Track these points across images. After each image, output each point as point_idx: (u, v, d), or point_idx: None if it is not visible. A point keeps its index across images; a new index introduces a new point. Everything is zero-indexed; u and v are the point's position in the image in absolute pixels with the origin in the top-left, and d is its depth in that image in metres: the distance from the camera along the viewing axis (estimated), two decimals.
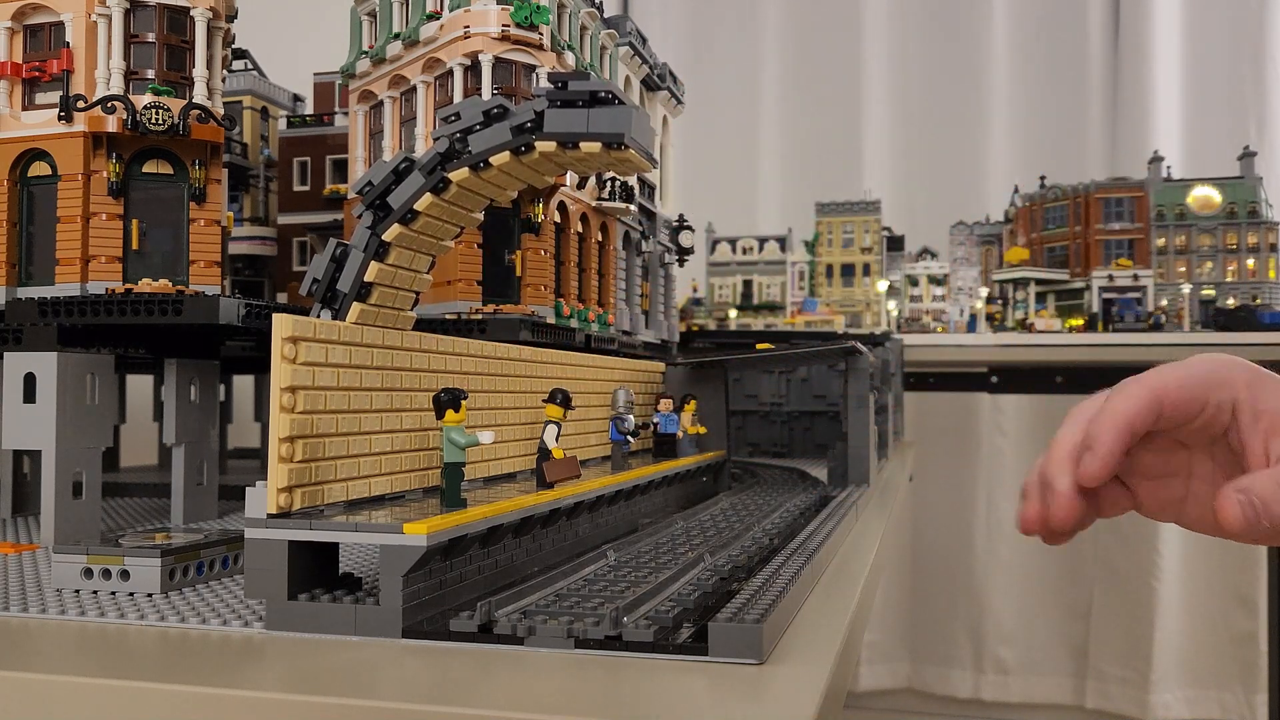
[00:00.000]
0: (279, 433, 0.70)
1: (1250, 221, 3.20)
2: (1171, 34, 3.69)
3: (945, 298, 3.50)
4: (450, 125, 0.81)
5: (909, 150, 3.94)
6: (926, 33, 3.97)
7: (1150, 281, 3.16)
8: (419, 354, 0.87)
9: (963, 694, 3.64)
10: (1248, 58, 3.65)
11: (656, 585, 0.75)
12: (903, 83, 3.96)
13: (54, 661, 0.67)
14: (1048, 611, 3.61)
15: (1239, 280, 3.19)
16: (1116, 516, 0.68)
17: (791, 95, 4.05)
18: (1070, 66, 3.84)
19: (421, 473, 0.87)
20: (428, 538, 0.68)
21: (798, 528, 1.08)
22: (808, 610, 0.78)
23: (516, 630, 0.66)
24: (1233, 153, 3.33)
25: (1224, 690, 3.44)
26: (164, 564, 0.83)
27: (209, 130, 1.21)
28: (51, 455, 1.10)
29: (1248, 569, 3.38)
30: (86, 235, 1.19)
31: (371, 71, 1.52)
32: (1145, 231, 3.22)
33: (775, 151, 4.05)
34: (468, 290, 1.35)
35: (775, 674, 0.61)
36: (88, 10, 1.19)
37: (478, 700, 0.56)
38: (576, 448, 1.13)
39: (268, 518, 0.70)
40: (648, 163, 0.84)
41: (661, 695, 0.58)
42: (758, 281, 3.53)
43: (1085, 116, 3.82)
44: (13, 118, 1.22)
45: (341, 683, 0.59)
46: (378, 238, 0.81)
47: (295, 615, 0.70)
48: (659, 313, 1.89)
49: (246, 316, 1.15)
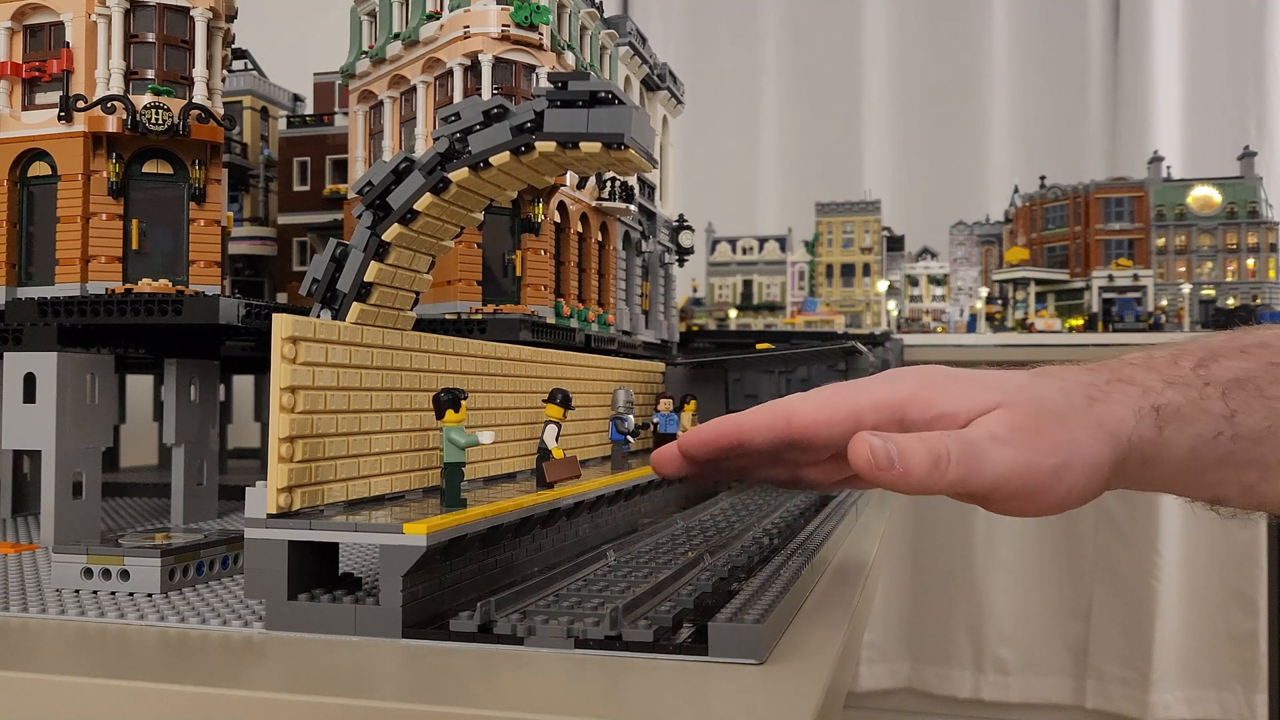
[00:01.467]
0: (279, 433, 0.70)
1: (1250, 221, 3.20)
2: (1171, 34, 3.69)
3: (945, 298, 3.50)
4: (450, 125, 0.81)
5: (909, 150, 3.94)
6: (927, 33, 3.97)
7: (1150, 281, 3.16)
8: (419, 354, 0.87)
9: (963, 694, 3.64)
10: (1248, 58, 3.64)
11: (656, 585, 0.75)
12: (903, 83, 3.96)
13: (54, 661, 0.67)
14: (1048, 612, 3.61)
15: (1239, 280, 3.19)
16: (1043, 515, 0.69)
17: (791, 95, 4.05)
18: (1070, 67, 3.84)
19: (421, 473, 0.87)
20: (428, 538, 0.68)
21: (798, 528, 1.08)
22: (808, 610, 0.78)
23: (516, 630, 0.66)
24: (1233, 153, 3.33)
25: (1224, 690, 3.44)
26: (164, 564, 0.83)
27: (209, 130, 1.21)
28: (51, 455, 1.10)
29: (1247, 569, 3.38)
30: (86, 235, 1.19)
31: (371, 71, 1.52)
32: (1145, 231, 3.22)
33: (775, 151, 4.05)
34: (468, 290, 1.35)
35: (775, 674, 0.61)
36: (87, 10, 1.19)
37: (478, 700, 0.56)
38: (576, 448, 1.13)
39: (267, 518, 0.70)
40: (648, 163, 0.84)
41: (661, 695, 0.58)
42: (758, 281, 3.54)
43: (1085, 117, 3.82)
44: (12, 118, 1.22)
45: (341, 682, 0.59)
46: (378, 238, 0.81)
47: (295, 615, 0.70)
48: (659, 313, 1.89)
49: (246, 316, 1.15)
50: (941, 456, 0.63)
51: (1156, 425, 0.66)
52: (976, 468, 0.63)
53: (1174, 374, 0.68)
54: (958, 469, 0.63)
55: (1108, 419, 0.65)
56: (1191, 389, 0.66)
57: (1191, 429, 0.65)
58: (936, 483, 0.63)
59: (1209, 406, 0.66)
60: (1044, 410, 0.66)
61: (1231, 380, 0.67)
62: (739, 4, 4.09)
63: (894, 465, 0.63)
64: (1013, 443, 0.64)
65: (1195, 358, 0.69)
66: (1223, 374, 0.67)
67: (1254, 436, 0.65)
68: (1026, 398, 0.67)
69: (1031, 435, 0.64)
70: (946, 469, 0.63)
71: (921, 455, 0.63)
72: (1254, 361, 0.67)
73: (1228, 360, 0.68)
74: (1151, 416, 0.66)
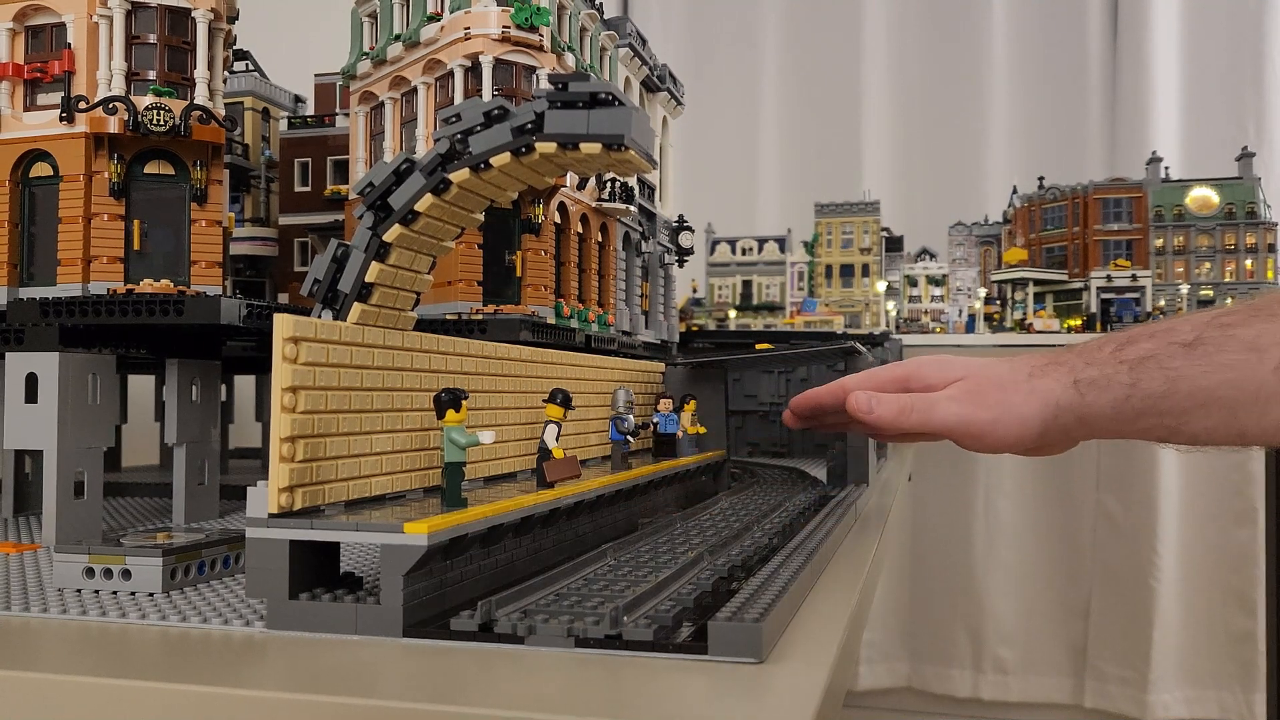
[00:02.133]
0: (280, 433, 0.70)
1: (1248, 222, 3.21)
2: (1170, 35, 3.70)
3: (944, 298, 3.50)
4: (451, 126, 0.82)
5: (908, 150, 3.94)
6: (926, 34, 3.98)
7: (1148, 282, 3.17)
8: (420, 354, 0.87)
9: (962, 693, 3.64)
10: (1246, 59, 3.65)
11: (656, 585, 0.75)
12: (902, 84, 3.97)
13: (55, 661, 0.67)
14: (1047, 611, 3.61)
15: (1237, 281, 3.20)
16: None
17: (791, 96, 4.06)
18: (1069, 68, 3.85)
19: (422, 472, 0.87)
20: (428, 537, 0.68)
21: (797, 527, 1.08)
22: (807, 609, 0.78)
23: (517, 629, 0.66)
24: (1231, 153, 3.33)
25: (1223, 690, 3.44)
26: (165, 563, 0.83)
27: (210, 131, 1.22)
28: (53, 455, 1.10)
29: (1246, 568, 3.38)
30: (88, 236, 1.19)
31: (372, 73, 1.52)
32: (1144, 232, 3.23)
33: (775, 152, 4.06)
34: (468, 291, 1.36)
35: (775, 673, 0.61)
36: (89, 11, 1.20)
37: (478, 699, 0.56)
38: (576, 448, 1.13)
39: (269, 517, 0.70)
40: (648, 164, 0.84)
41: (661, 694, 0.58)
42: (757, 282, 3.54)
43: (1084, 117, 3.82)
44: (14, 118, 1.22)
45: (342, 681, 0.60)
46: (378, 238, 0.81)
47: (296, 614, 0.70)
48: (659, 313, 1.90)
49: (248, 317, 1.15)
50: (905, 408, 1.00)
51: (1079, 393, 0.92)
52: (931, 415, 0.98)
53: (1095, 357, 0.93)
54: (917, 416, 0.99)
55: (1039, 388, 0.94)
56: (1107, 366, 0.92)
57: (1107, 394, 0.91)
58: (903, 423, 0.99)
59: (1118, 378, 0.90)
60: (990, 380, 0.97)
61: (1138, 358, 0.90)
62: (739, 5, 4.10)
63: (871, 410, 1.01)
64: (960, 400, 0.97)
65: (1116, 343, 0.93)
66: (1133, 354, 0.91)
67: (1157, 394, 0.88)
68: (981, 373, 0.99)
69: (976, 396, 0.96)
70: (910, 415, 0.99)
71: (891, 405, 1.01)
72: (1158, 343, 0.90)
73: (1140, 343, 0.91)
74: (1074, 387, 0.92)
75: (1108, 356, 0.92)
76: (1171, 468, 3.43)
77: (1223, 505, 3.43)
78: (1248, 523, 3.37)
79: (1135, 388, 0.89)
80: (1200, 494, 3.45)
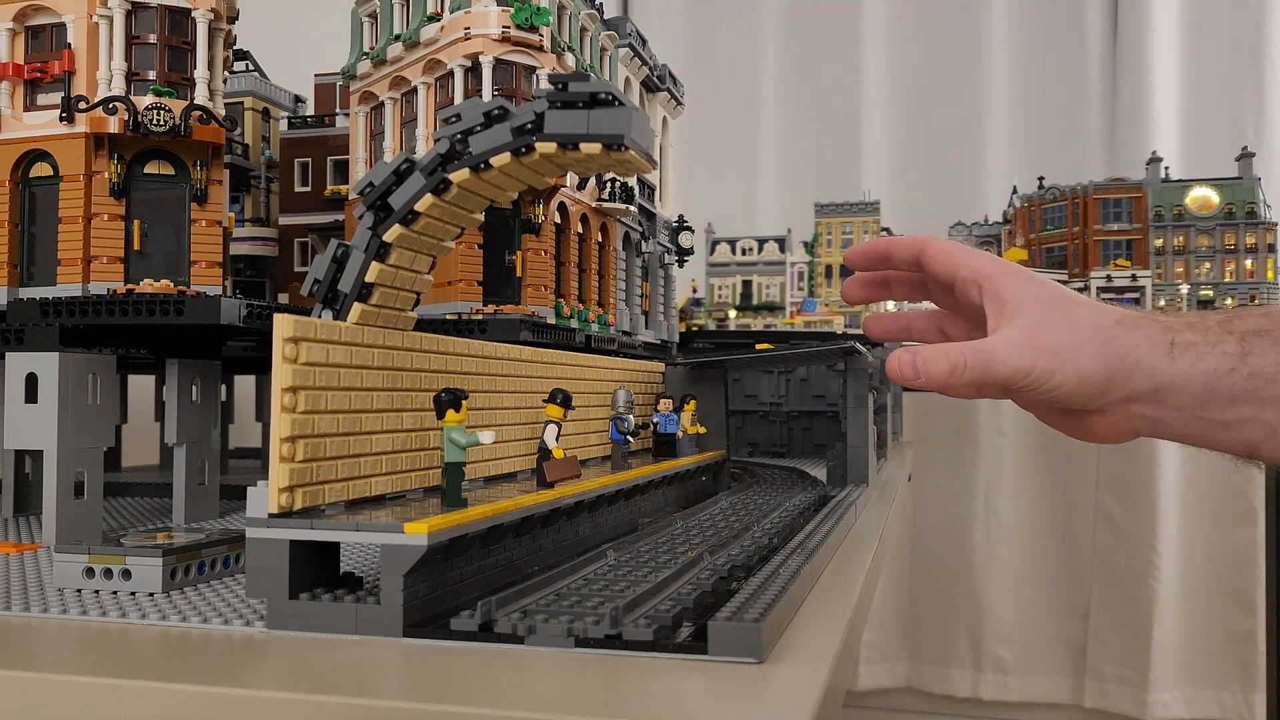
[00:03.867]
0: (280, 433, 0.70)
1: (1248, 222, 3.20)
2: (1170, 35, 3.69)
3: None
4: (451, 126, 0.82)
5: (908, 150, 3.94)
6: (926, 34, 3.97)
7: (1148, 282, 3.16)
8: (419, 354, 0.87)
9: (961, 693, 3.64)
10: (1246, 59, 3.65)
11: (656, 585, 0.75)
12: (902, 84, 3.97)
13: (56, 661, 0.67)
14: (1046, 611, 3.61)
15: (1237, 281, 3.19)
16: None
17: (791, 96, 4.05)
18: (1069, 67, 3.84)
19: (422, 472, 0.87)
20: (428, 537, 0.68)
21: (797, 527, 1.08)
22: (807, 609, 0.78)
23: (517, 629, 0.66)
24: (1231, 153, 3.33)
25: (1222, 689, 3.44)
26: (165, 563, 0.83)
27: (210, 131, 1.22)
28: (53, 455, 1.10)
29: (1246, 568, 3.38)
30: (88, 236, 1.19)
31: (372, 73, 1.52)
32: (1143, 232, 3.22)
33: (775, 152, 4.05)
34: (468, 291, 1.36)
35: (774, 673, 0.61)
36: (89, 11, 1.20)
37: (478, 699, 0.56)
38: (576, 448, 1.13)
39: (269, 517, 0.70)
40: (647, 164, 0.84)
41: (661, 694, 0.58)
42: (757, 282, 3.54)
43: (1084, 117, 3.82)
44: (14, 118, 1.22)
45: (342, 681, 0.60)
46: (379, 238, 0.81)
47: (296, 614, 0.70)
48: (659, 313, 1.90)
49: (248, 317, 1.15)
50: (957, 364, 0.77)
51: (1170, 356, 0.75)
52: (988, 371, 0.77)
53: (1197, 321, 0.78)
54: (971, 373, 0.77)
55: (1118, 341, 0.76)
56: (1211, 333, 0.76)
57: (1204, 363, 0.74)
58: (956, 383, 0.78)
59: (1224, 347, 0.74)
60: (1059, 324, 0.78)
61: (1249, 331, 0.75)
62: (739, 5, 4.09)
63: (919, 374, 0.78)
64: (1020, 346, 0.77)
65: (1223, 315, 0.78)
66: (1242, 325, 0.76)
67: (1268, 375, 0.72)
68: (1056, 305, 0.79)
69: (1040, 335, 0.77)
70: (962, 374, 0.77)
71: (940, 363, 0.77)
72: (1273, 320, 0.75)
73: (1250, 318, 0.77)
74: (1166, 347, 0.75)
75: (1213, 324, 0.77)
76: (1171, 468, 3.43)
77: (1223, 505, 3.43)
78: (1248, 523, 3.38)
79: (1244, 360, 0.73)
80: (1200, 494, 3.45)
